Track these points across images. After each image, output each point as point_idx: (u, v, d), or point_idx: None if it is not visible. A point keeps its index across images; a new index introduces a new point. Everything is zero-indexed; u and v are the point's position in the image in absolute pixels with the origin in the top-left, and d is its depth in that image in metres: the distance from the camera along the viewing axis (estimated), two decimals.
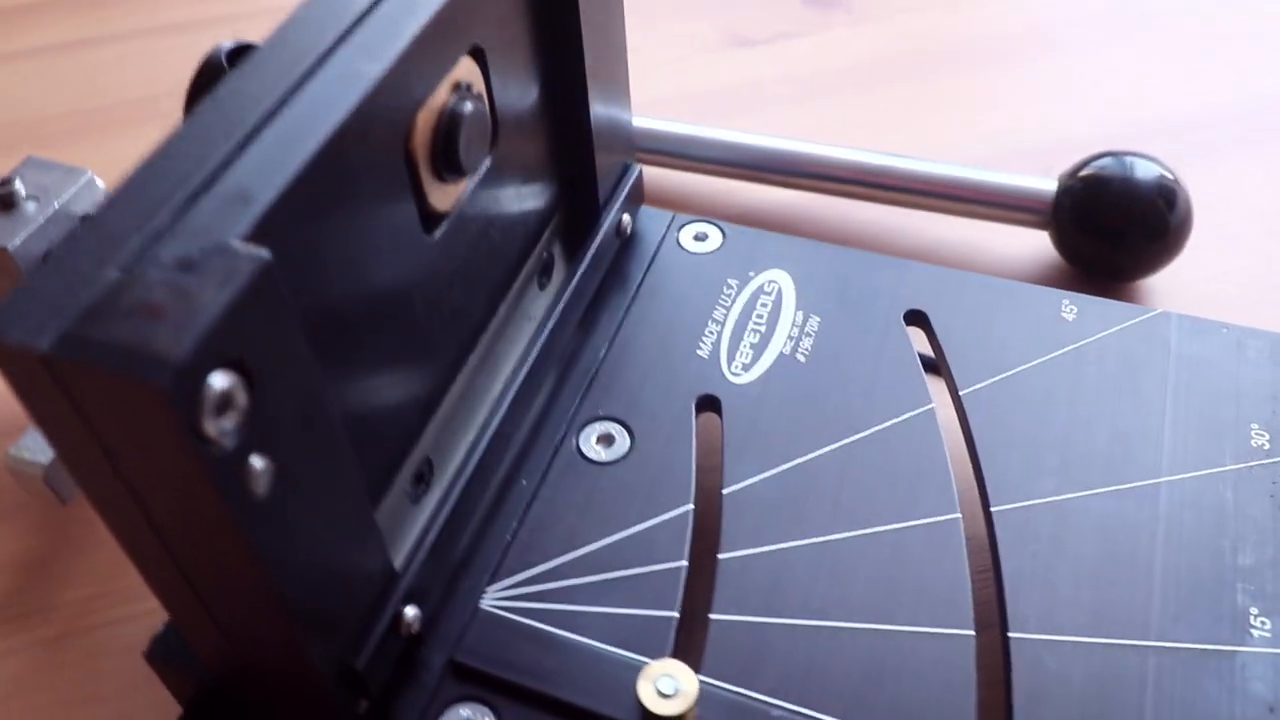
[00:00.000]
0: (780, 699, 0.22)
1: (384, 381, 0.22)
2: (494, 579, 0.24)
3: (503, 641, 0.23)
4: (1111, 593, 0.24)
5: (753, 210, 0.40)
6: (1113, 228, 0.34)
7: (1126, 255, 0.34)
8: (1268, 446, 0.26)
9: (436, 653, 0.23)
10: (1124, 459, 0.26)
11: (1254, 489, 0.25)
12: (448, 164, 0.22)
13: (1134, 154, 0.35)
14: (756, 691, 0.22)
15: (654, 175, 0.41)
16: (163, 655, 0.24)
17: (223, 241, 0.16)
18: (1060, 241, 0.35)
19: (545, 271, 0.29)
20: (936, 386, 0.28)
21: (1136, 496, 0.25)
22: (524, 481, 0.26)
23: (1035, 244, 0.37)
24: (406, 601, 0.23)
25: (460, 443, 0.25)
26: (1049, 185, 0.35)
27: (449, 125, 0.22)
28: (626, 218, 0.31)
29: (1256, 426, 0.26)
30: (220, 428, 0.16)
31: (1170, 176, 0.34)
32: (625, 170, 0.31)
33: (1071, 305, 0.29)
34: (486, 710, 0.22)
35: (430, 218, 0.23)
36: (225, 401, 0.16)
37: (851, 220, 0.39)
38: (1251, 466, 0.25)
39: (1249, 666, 0.22)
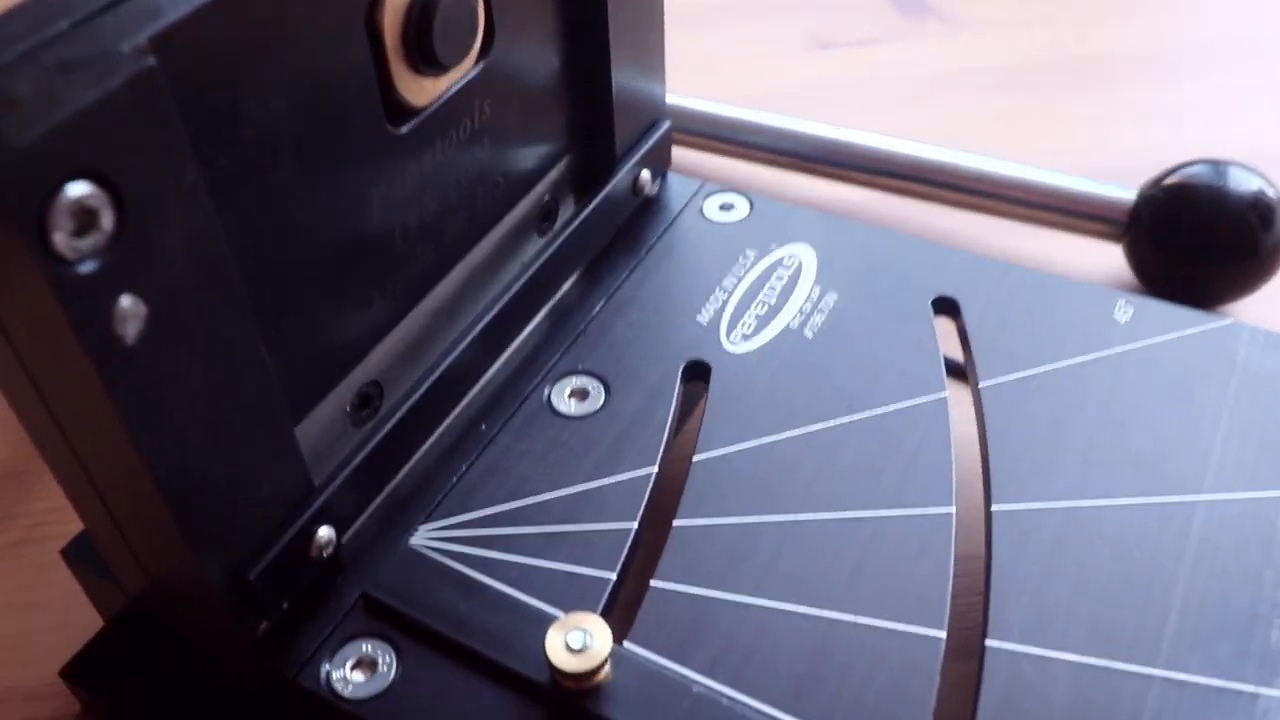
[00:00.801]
0: (711, 678, 0.20)
1: (321, 276, 0.21)
2: (430, 518, 0.23)
3: (421, 581, 0.21)
4: (1119, 610, 0.20)
5: (805, 202, 0.37)
6: (1195, 243, 0.30)
7: (1208, 275, 0.31)
8: None
9: (354, 585, 0.22)
10: (1158, 470, 0.22)
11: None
12: (421, 52, 0.21)
13: (1232, 163, 0.31)
14: (687, 667, 0.20)
15: (710, 162, 0.39)
16: (78, 556, 0.23)
17: (111, 48, 0.15)
18: (1135, 256, 0.32)
19: (547, 217, 0.27)
20: (960, 383, 0.25)
21: (1167, 511, 0.22)
22: (484, 426, 0.24)
23: (1108, 259, 0.34)
24: (321, 522, 0.21)
25: (416, 373, 0.24)
26: (1128, 194, 0.32)
27: (423, 6, 0.20)
28: (646, 175, 0.29)
29: None
30: (76, 247, 0.15)
31: (1272, 192, 0.30)
32: (651, 126, 0.29)
33: (1128, 306, 0.26)
34: (389, 649, 0.20)
35: (399, 110, 0.21)
36: (85, 218, 0.14)
37: (909, 221, 0.36)
38: None
39: (1272, 714, 0.19)
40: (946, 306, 0.27)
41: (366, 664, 0.20)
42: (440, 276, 0.24)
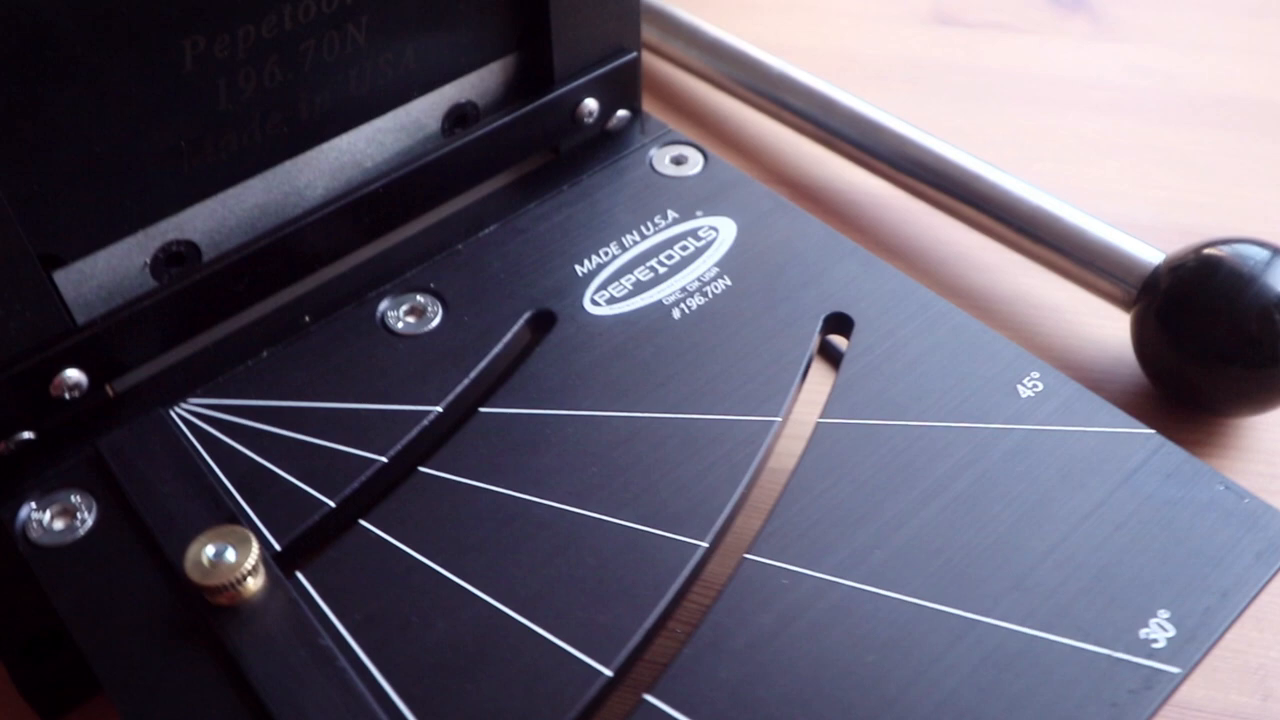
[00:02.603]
0: (355, 636, 0.18)
1: (106, 112, 0.20)
2: (205, 393, 0.22)
3: (153, 450, 0.21)
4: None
5: (816, 184, 0.34)
6: (1201, 333, 0.26)
7: (1209, 376, 0.26)
8: (1159, 645, 0.18)
9: (95, 435, 0.21)
10: (960, 576, 0.19)
11: (1098, 686, 0.18)
12: None
13: (1275, 248, 0.26)
14: (340, 617, 0.19)
15: (740, 115, 0.36)
16: None
17: None
18: (1137, 334, 0.27)
19: (461, 122, 0.26)
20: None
21: (945, 623, 0.18)
22: (308, 318, 0.24)
23: (1115, 331, 0.29)
24: (72, 363, 0.21)
25: (235, 243, 0.23)
26: (1154, 256, 0.27)
27: None
28: (591, 104, 0.27)
29: (1164, 616, 0.18)
30: None
31: None
32: (613, 54, 0.27)
33: (1039, 382, 0.22)
34: (93, 508, 0.20)
35: None
36: None
37: (909, 227, 0.32)
38: (1122, 660, 0.18)
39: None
40: (841, 325, 0.24)
41: (67, 514, 0.20)
42: (291, 153, 0.23)
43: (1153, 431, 0.21)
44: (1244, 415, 0.27)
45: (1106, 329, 0.29)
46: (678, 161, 0.27)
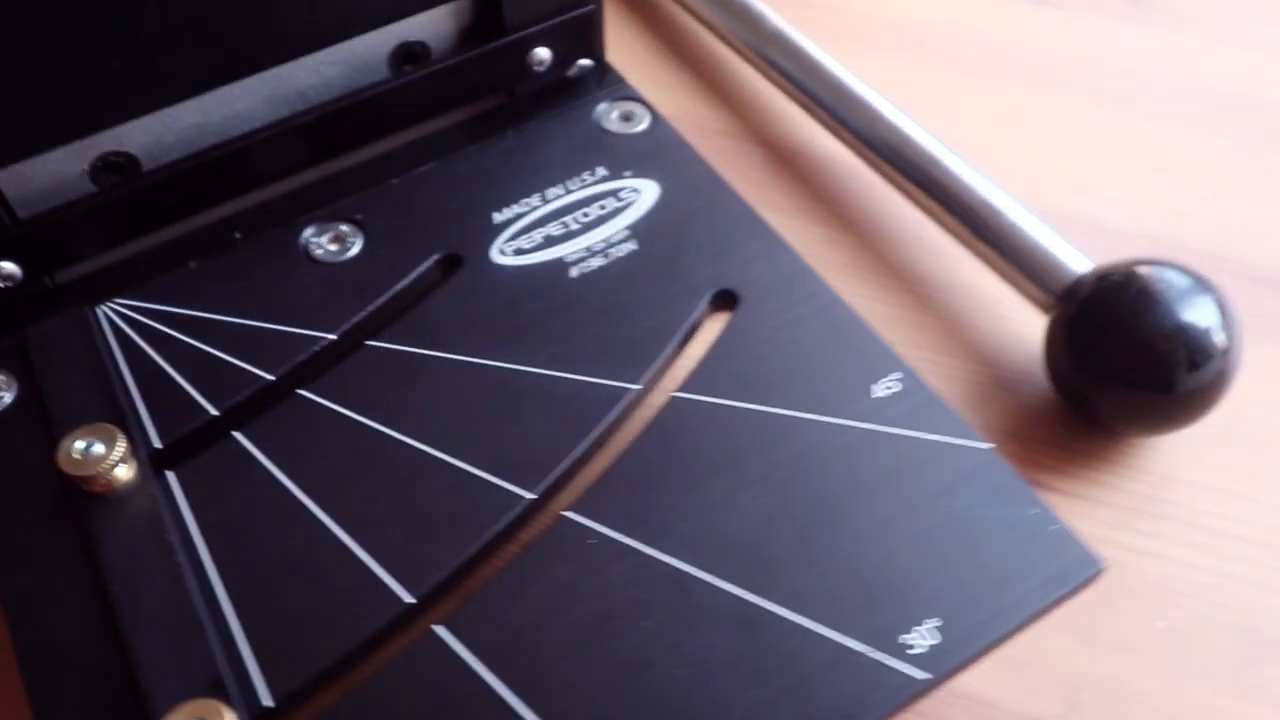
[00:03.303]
0: (205, 538, 0.21)
1: (28, 25, 0.21)
2: (128, 295, 0.24)
3: (71, 343, 0.23)
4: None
5: (794, 148, 0.34)
6: (1099, 349, 0.26)
7: (1107, 394, 0.26)
8: (916, 651, 0.19)
9: (27, 323, 0.24)
10: (757, 558, 0.20)
11: (847, 679, 0.19)
12: None
13: (1205, 281, 0.25)
14: (196, 518, 0.21)
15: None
16: None
17: None
18: (1048, 342, 0.27)
19: (410, 60, 0.27)
20: None
21: (730, 604, 0.20)
22: (239, 235, 0.25)
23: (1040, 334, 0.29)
24: (7, 255, 0.23)
25: (172, 157, 0.25)
26: (1082, 265, 0.27)
27: None
28: (544, 53, 0.28)
29: (932, 624, 0.19)
30: None
31: (1223, 337, 0.25)
32: (571, 5, 0.28)
33: (896, 384, 0.23)
34: (13, 385, 0.23)
35: None
36: None
37: (873, 203, 0.32)
38: (875, 659, 0.19)
39: None
40: (727, 302, 0.24)
41: None
42: (229, 78, 0.24)
43: (990, 447, 0.22)
44: (1136, 435, 0.27)
45: (1035, 331, 0.29)
46: (626, 118, 0.28)
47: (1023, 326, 0.29)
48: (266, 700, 0.19)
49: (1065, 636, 0.24)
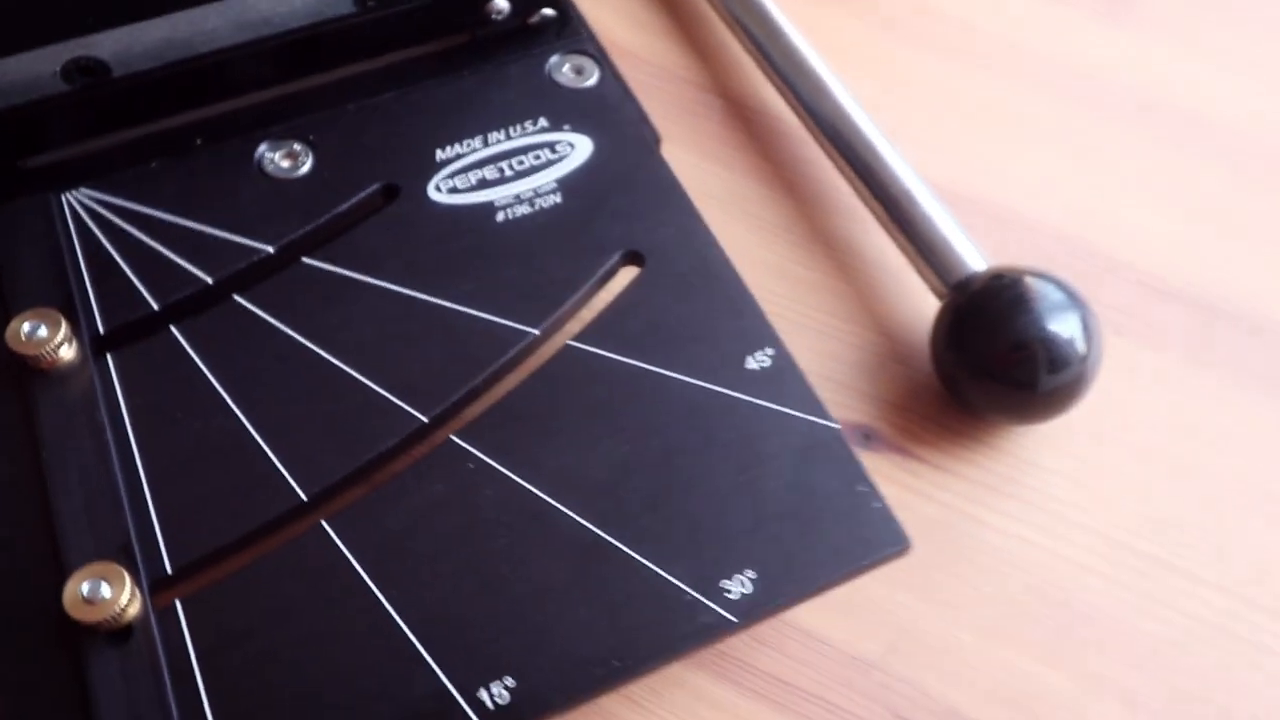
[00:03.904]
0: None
1: None
2: (90, 186, 0.27)
3: (33, 225, 0.26)
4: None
5: (751, 107, 0.36)
6: (972, 342, 0.28)
7: (971, 381, 0.28)
8: (732, 596, 0.22)
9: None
10: (614, 497, 0.23)
11: (670, 613, 0.22)
12: None
13: (1075, 296, 0.28)
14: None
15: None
16: None
17: None
18: (935, 328, 0.29)
19: None
20: None
21: (580, 533, 0.23)
22: (199, 140, 0.28)
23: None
24: None
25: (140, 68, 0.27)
26: (979, 263, 0.29)
27: None
28: (502, 3, 0.29)
29: (750, 575, 0.22)
30: None
31: (1083, 344, 0.27)
32: None
33: (767, 359, 0.25)
34: None
35: None
36: None
37: (817, 170, 0.34)
38: (696, 598, 0.22)
39: None
40: (636, 260, 0.27)
41: None
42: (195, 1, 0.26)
43: (836, 426, 0.24)
44: (1000, 423, 0.29)
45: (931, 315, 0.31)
46: (577, 71, 0.30)
47: (924, 309, 0.32)
48: (167, 568, 0.22)
49: (900, 590, 0.27)
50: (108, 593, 0.20)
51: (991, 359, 0.28)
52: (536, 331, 0.25)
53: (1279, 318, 0.32)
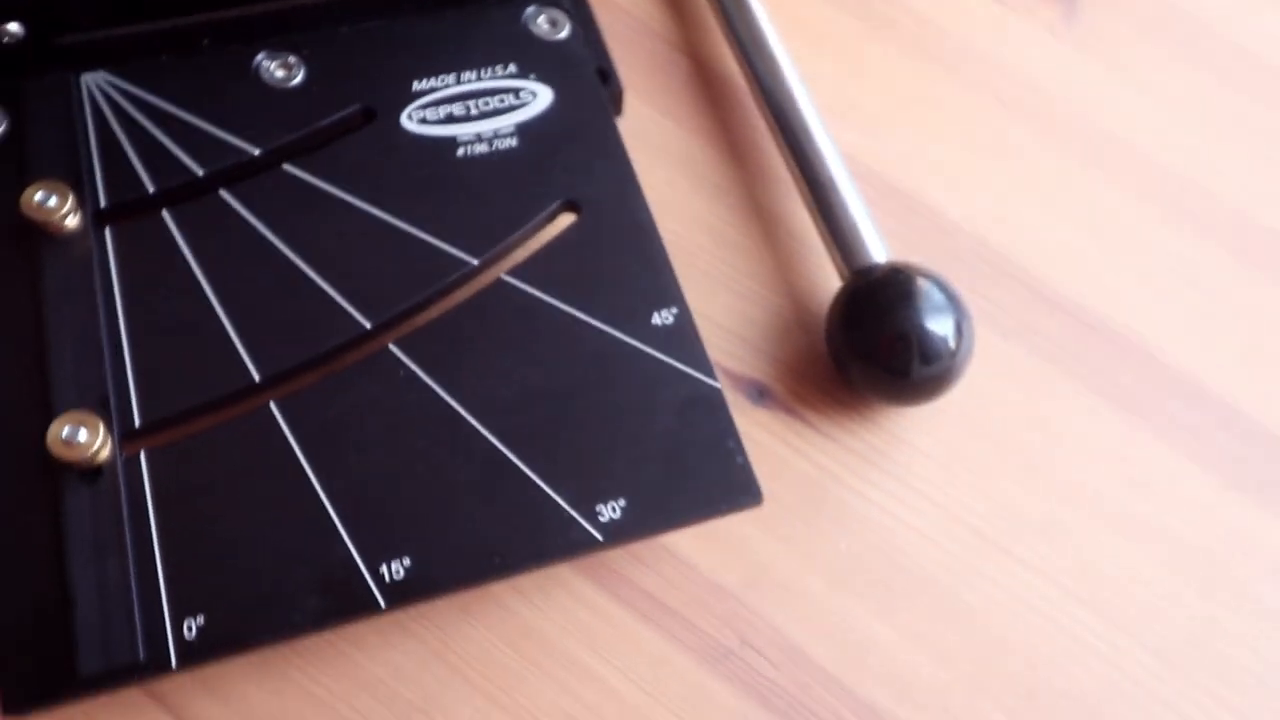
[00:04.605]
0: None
1: None
2: (107, 70, 0.30)
3: (54, 100, 0.29)
4: None
5: (715, 72, 0.39)
6: (857, 326, 0.32)
7: (852, 361, 0.32)
8: (604, 519, 0.26)
9: (22, 75, 0.29)
10: (521, 419, 0.27)
11: (550, 525, 0.26)
12: None
13: (954, 298, 0.31)
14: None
15: None
16: None
17: None
18: (831, 305, 0.33)
19: None
20: None
21: (483, 446, 0.27)
22: (207, 41, 0.31)
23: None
24: (12, 17, 0.28)
25: None
26: (881, 255, 0.33)
27: None
28: None
29: (621, 503, 0.27)
30: None
31: (955, 341, 0.31)
32: None
33: (670, 317, 0.29)
34: (4, 121, 0.29)
35: None
36: None
37: (766, 140, 0.38)
38: (573, 516, 0.26)
39: None
40: (573, 209, 0.30)
41: None
42: None
43: (718, 386, 0.28)
44: (877, 403, 0.34)
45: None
46: (551, 23, 0.33)
47: (830, 287, 0.35)
48: (136, 423, 0.26)
49: (767, 534, 0.31)
50: (84, 437, 0.24)
51: (874, 344, 0.32)
52: (476, 262, 0.29)
53: (1151, 343, 0.36)
